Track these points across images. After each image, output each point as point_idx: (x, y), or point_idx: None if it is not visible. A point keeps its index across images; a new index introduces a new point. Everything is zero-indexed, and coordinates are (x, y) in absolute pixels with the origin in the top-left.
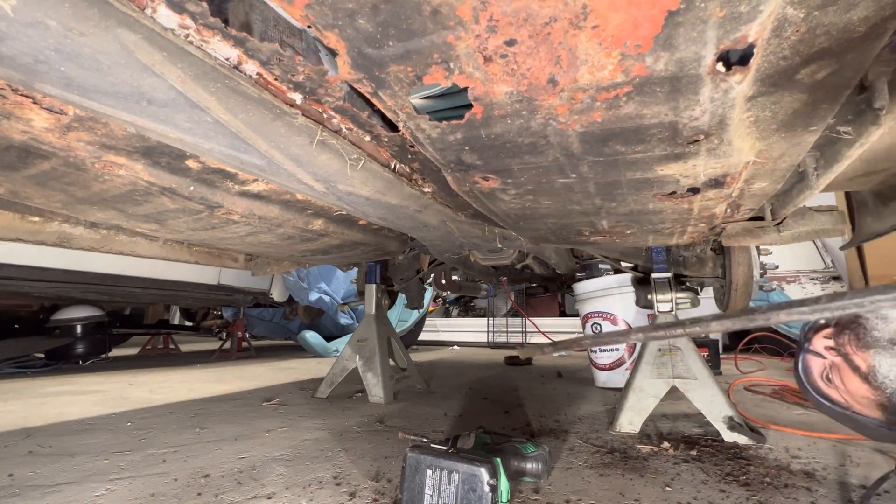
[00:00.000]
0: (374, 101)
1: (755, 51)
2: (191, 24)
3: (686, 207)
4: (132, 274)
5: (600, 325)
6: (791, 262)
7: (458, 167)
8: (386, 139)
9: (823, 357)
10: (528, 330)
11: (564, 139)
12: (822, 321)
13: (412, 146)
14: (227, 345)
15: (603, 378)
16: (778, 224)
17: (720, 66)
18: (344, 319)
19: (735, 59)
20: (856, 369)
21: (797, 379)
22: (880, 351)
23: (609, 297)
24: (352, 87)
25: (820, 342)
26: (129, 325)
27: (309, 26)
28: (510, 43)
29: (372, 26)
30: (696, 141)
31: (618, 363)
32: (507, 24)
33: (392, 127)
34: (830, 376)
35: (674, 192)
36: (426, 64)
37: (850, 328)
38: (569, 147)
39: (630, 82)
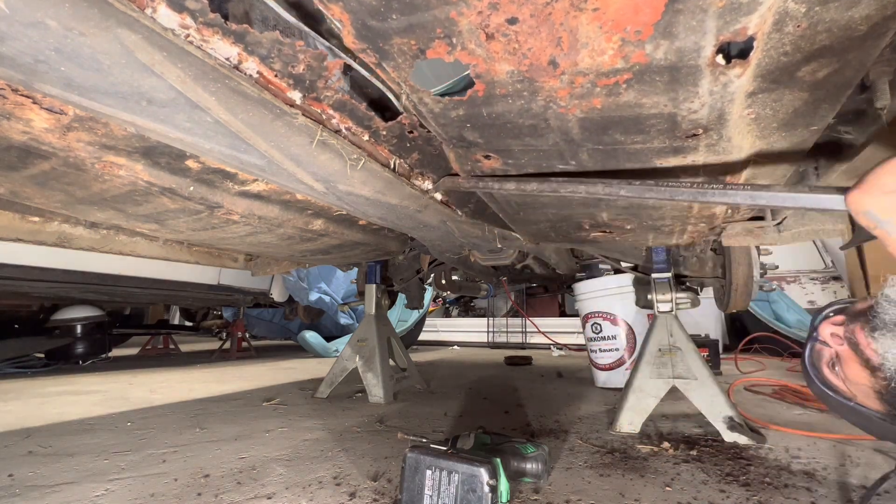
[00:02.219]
0: (377, 71)
1: (755, 44)
2: (191, 24)
3: (686, 205)
4: (132, 274)
5: (600, 324)
6: (791, 262)
7: (460, 143)
8: (384, 132)
9: (829, 346)
10: (528, 330)
11: (564, 123)
12: (832, 311)
13: (411, 132)
14: (227, 345)
15: (603, 378)
16: (778, 224)
17: (720, 59)
18: (344, 319)
19: (735, 52)
20: (859, 355)
21: (804, 369)
22: (884, 333)
23: (609, 296)
24: (351, 85)
25: (826, 330)
26: (129, 325)
27: None
28: (512, 21)
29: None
30: (694, 135)
31: (618, 363)
32: (508, 1)
33: (391, 118)
34: (836, 366)
35: None
36: (429, 38)
37: (861, 315)
38: (569, 132)
39: (630, 69)
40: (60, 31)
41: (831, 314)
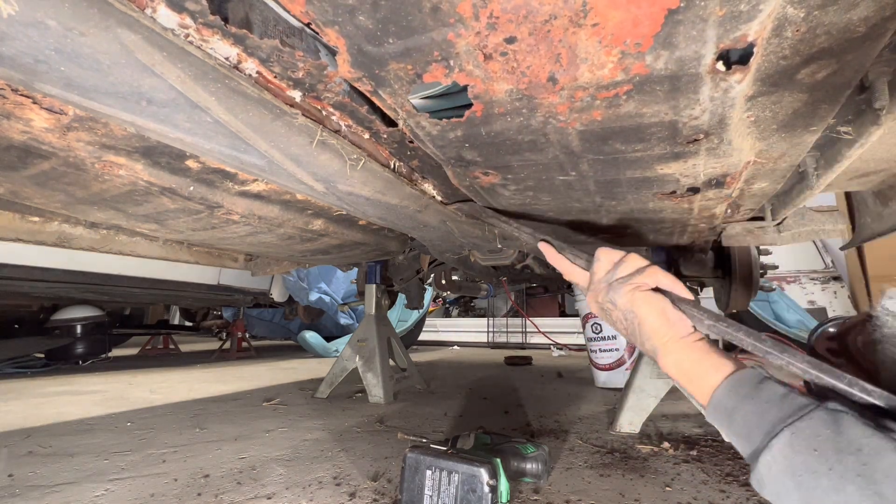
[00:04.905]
0: (373, 99)
1: (755, 50)
2: (190, 24)
3: (686, 207)
4: (132, 274)
5: (600, 325)
6: (791, 262)
7: (458, 163)
8: (385, 135)
9: (828, 360)
10: (528, 330)
11: (564, 137)
12: (827, 328)
13: (411, 142)
14: (227, 345)
15: (603, 378)
16: (778, 224)
17: (720, 66)
18: (344, 319)
19: (735, 59)
20: (857, 368)
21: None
22: (885, 346)
23: None
24: (351, 86)
25: (823, 346)
26: (129, 325)
27: (309, 23)
28: (510, 40)
29: (372, 23)
30: (695, 140)
31: (618, 363)
32: (507, 21)
33: (391, 123)
34: None
35: (674, 192)
36: (426, 62)
37: (857, 329)
38: (569, 145)
39: (630, 81)
40: (60, 31)
41: (829, 330)
